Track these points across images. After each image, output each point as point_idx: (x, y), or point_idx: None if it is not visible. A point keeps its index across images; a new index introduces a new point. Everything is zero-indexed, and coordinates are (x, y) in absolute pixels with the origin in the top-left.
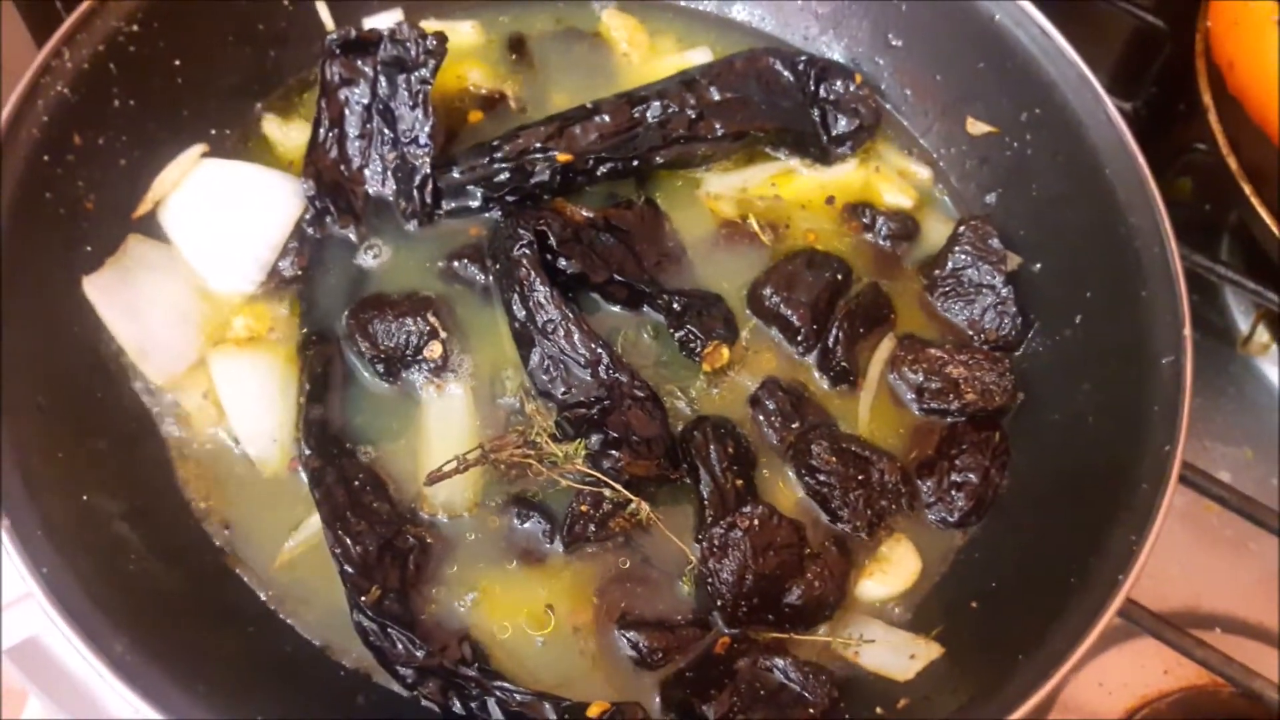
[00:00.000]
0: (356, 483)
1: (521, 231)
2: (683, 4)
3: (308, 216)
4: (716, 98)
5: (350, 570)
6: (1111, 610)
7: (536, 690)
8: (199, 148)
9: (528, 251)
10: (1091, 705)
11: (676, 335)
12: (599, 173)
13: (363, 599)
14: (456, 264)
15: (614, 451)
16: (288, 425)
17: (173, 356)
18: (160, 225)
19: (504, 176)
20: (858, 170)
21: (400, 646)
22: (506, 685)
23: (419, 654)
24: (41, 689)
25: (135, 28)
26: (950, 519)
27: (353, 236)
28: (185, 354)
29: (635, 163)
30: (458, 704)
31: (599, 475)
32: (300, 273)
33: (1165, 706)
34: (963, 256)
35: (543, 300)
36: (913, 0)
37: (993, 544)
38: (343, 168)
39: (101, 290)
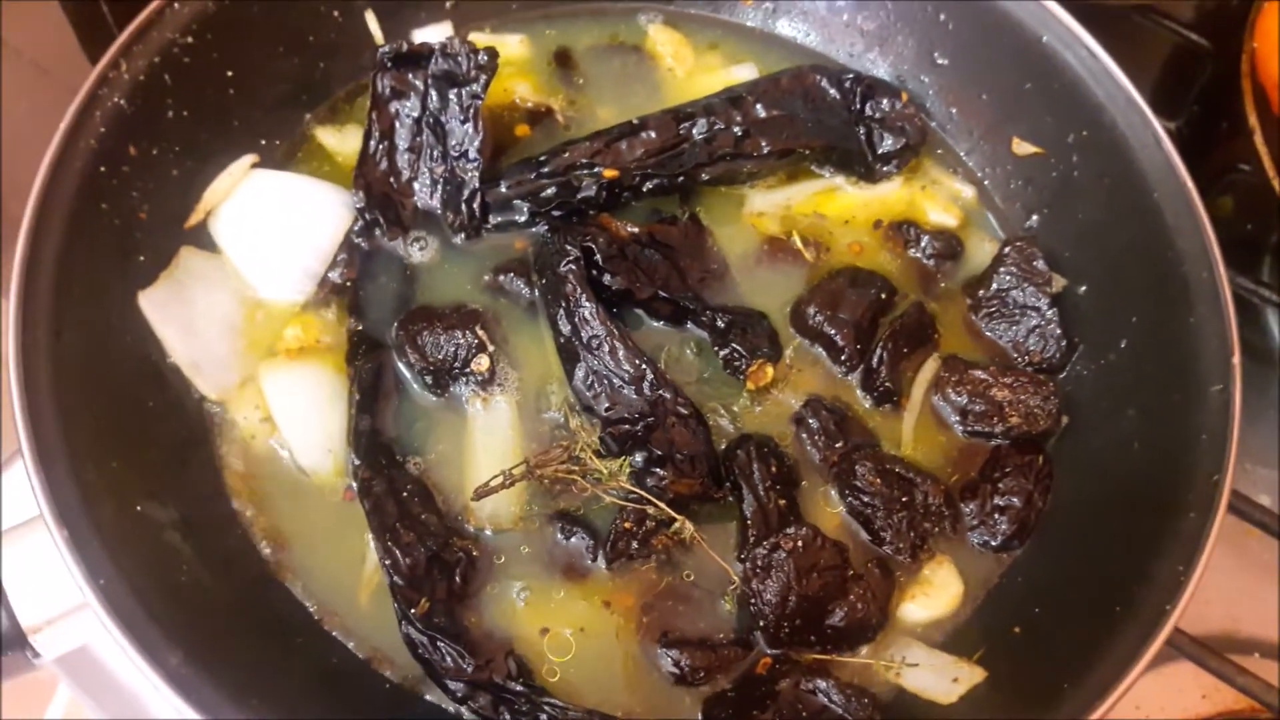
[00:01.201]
0: (405, 494)
1: (568, 248)
2: (727, 18)
3: (357, 228)
4: (762, 115)
5: (399, 582)
6: (1159, 641)
7: (586, 708)
8: (249, 158)
9: (574, 267)
10: None
11: (721, 353)
12: (645, 189)
13: (412, 611)
14: (503, 278)
15: (658, 469)
16: (340, 435)
17: (225, 369)
18: (211, 235)
19: (550, 192)
20: (902, 189)
21: (449, 660)
22: (556, 702)
23: (468, 668)
24: (92, 698)
25: (190, 39)
26: (993, 542)
27: (401, 249)
28: (237, 366)
29: (681, 179)
30: (509, 718)
31: (643, 493)
32: (349, 284)
33: None
34: (1007, 277)
35: (588, 316)
36: (959, 19)
37: (1036, 569)
38: (392, 180)
39: (156, 305)
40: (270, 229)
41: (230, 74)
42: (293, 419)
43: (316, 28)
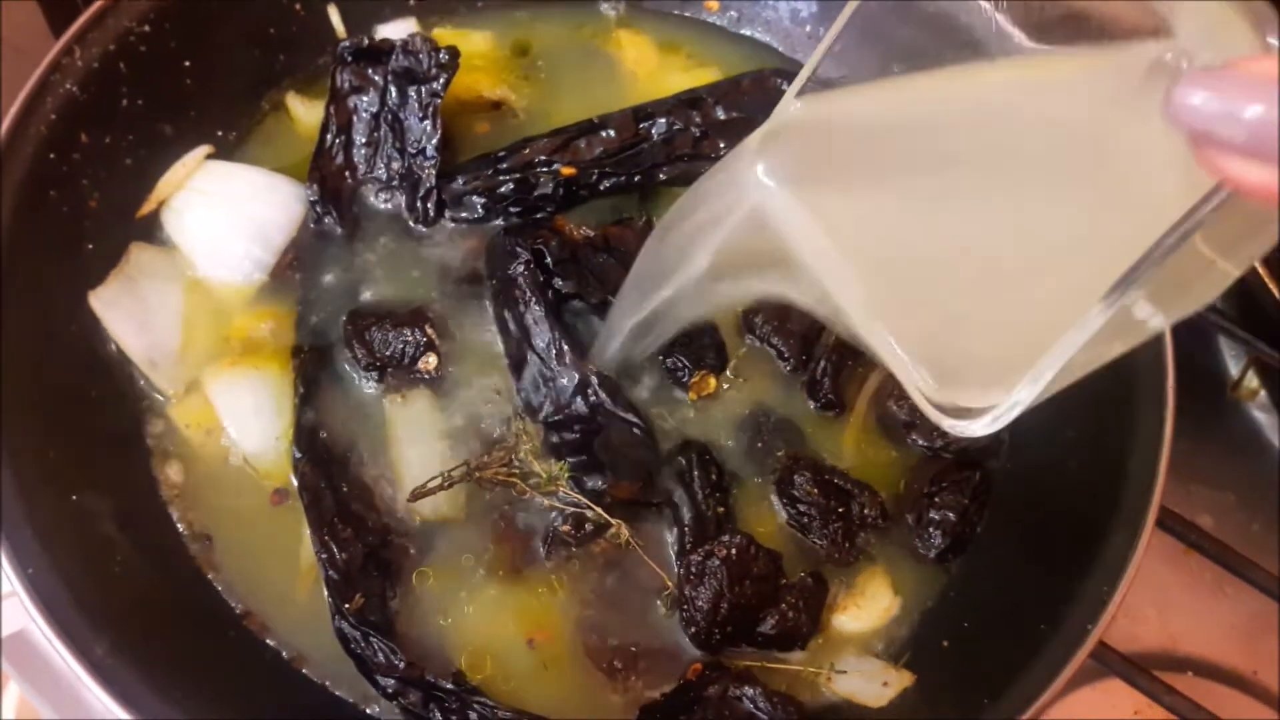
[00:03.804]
0: (345, 489)
1: (518, 250)
2: (692, 16)
3: (310, 220)
4: (722, 117)
5: (335, 576)
6: (1078, 660)
7: (515, 708)
8: (204, 149)
9: (524, 270)
10: None
11: (665, 362)
12: (602, 187)
13: (346, 606)
14: (455, 277)
15: (597, 474)
16: (282, 435)
17: (180, 363)
18: (162, 229)
19: (508, 188)
20: None
21: (381, 656)
22: (486, 701)
23: (400, 664)
24: (29, 682)
25: (147, 28)
26: (928, 555)
27: (352, 244)
28: (190, 361)
29: (638, 179)
30: (439, 716)
31: (581, 497)
32: (299, 276)
33: None
34: None
35: (536, 319)
36: (918, 30)
37: (969, 584)
38: (347, 174)
39: (108, 304)
40: (223, 219)
41: (188, 64)
42: (237, 417)
43: (278, 20)
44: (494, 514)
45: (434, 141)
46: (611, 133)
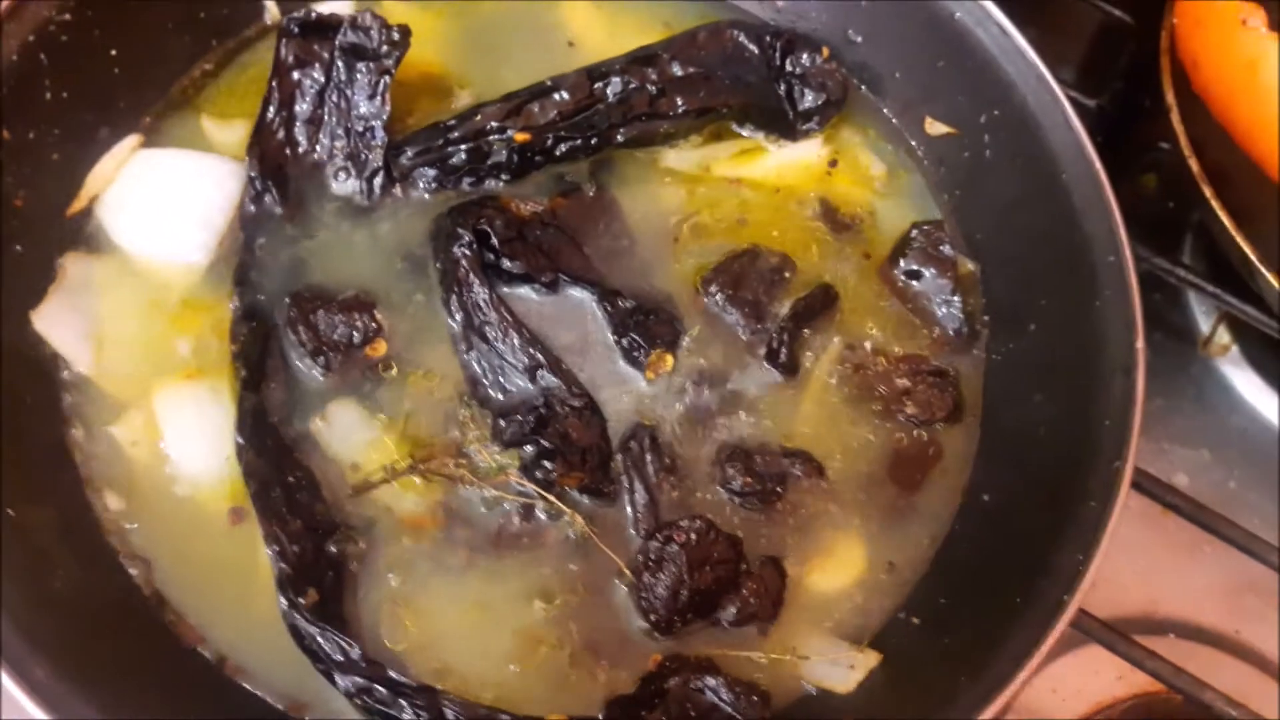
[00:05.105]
0: (291, 480)
1: (460, 231)
2: None
3: (249, 198)
4: (679, 73)
5: (287, 569)
6: (1056, 633)
7: (488, 705)
8: (134, 139)
9: (467, 252)
10: (1045, 711)
11: (620, 341)
12: (558, 152)
13: (301, 600)
14: (404, 257)
15: (547, 463)
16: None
17: (130, 372)
18: (98, 230)
19: (459, 159)
20: (815, 165)
21: (340, 654)
22: (452, 697)
23: (361, 662)
24: None
25: (67, 16)
26: None
27: (294, 222)
28: (140, 368)
29: (594, 140)
30: (409, 714)
31: (532, 485)
32: (240, 258)
33: (1119, 713)
34: (914, 260)
35: (481, 303)
36: None
37: (940, 559)
38: (288, 151)
39: (51, 322)
40: (158, 206)
41: (114, 52)
42: (181, 432)
43: (208, 3)
44: (444, 505)
45: (382, 120)
46: (565, 95)
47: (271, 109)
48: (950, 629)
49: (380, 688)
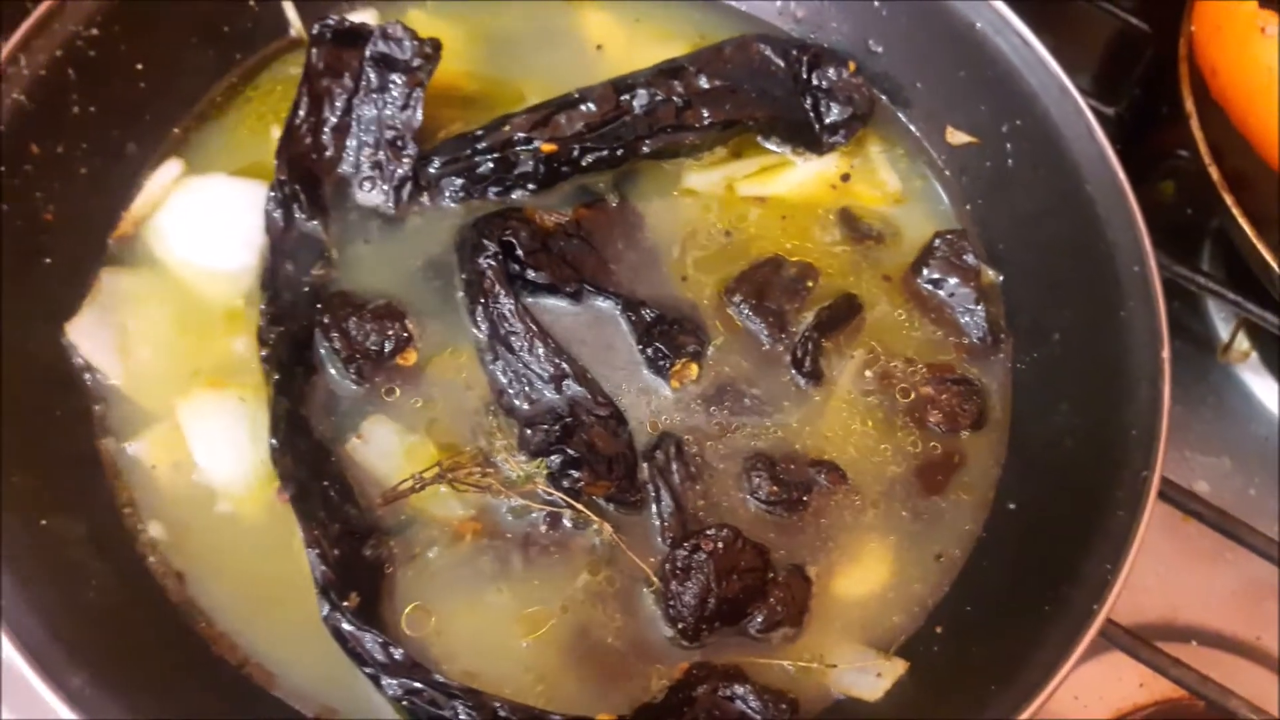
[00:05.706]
0: (326, 483)
1: (485, 242)
2: None
3: (275, 201)
4: (705, 86)
5: (329, 572)
6: (1085, 642)
7: (527, 706)
8: (178, 165)
9: (493, 263)
10: (1068, 717)
11: (645, 351)
12: (584, 163)
13: (345, 604)
14: (432, 266)
15: (574, 471)
16: (258, 453)
17: (161, 384)
18: (135, 248)
19: (487, 168)
20: (838, 176)
21: (382, 655)
22: (502, 699)
23: (406, 664)
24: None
25: (95, 31)
26: None
27: (325, 231)
28: (171, 380)
29: (620, 152)
30: (464, 714)
31: (560, 494)
32: (268, 262)
33: (1141, 719)
34: (936, 269)
35: (507, 313)
36: (894, 5)
37: (968, 566)
38: (314, 156)
39: (85, 334)
40: (206, 230)
41: (140, 67)
42: (210, 440)
43: (231, 17)
44: (474, 514)
45: (413, 130)
46: (592, 106)
47: (301, 114)
48: (978, 637)
49: (429, 689)
